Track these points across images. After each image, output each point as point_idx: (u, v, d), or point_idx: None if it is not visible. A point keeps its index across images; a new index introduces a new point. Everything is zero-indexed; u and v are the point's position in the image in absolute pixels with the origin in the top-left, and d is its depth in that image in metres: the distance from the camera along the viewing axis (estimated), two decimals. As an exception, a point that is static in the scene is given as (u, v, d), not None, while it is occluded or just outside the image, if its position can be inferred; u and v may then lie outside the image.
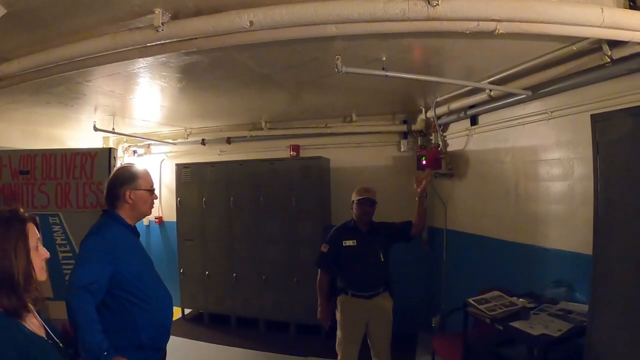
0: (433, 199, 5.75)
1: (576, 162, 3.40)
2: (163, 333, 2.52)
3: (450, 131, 5.41)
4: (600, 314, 2.46)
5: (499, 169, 4.44)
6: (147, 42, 2.68)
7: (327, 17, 2.35)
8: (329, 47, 3.14)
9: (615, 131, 2.42)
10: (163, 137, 7.35)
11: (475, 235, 4.81)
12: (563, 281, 3.45)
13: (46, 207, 4.10)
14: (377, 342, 3.86)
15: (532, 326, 2.96)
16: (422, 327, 5.60)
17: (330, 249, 3.95)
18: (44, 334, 1.64)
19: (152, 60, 3.37)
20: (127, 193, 2.45)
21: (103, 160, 4.15)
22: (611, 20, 2.30)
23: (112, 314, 2.29)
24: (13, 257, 1.52)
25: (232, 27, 2.46)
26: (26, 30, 2.80)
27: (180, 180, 6.70)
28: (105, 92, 4.39)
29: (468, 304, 3.49)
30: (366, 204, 3.87)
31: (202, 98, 4.97)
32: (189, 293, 6.67)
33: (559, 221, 3.63)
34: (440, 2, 2.19)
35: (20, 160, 4.21)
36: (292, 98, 5.08)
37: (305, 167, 5.97)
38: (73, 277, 2.24)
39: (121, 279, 2.30)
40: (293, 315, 5.98)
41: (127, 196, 2.45)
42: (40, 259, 1.65)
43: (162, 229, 7.72)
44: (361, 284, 3.84)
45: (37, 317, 1.66)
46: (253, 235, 6.18)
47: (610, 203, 2.42)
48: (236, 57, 3.40)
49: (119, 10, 2.54)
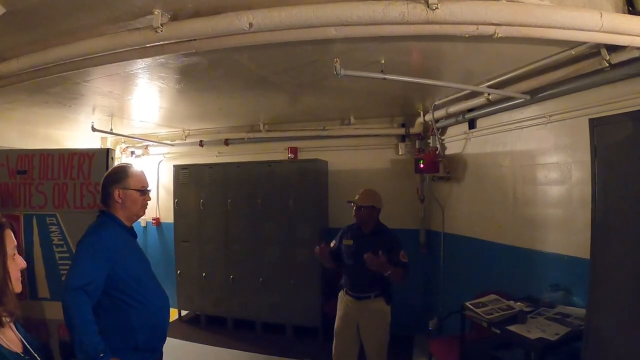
0: (431, 202, 5.77)
1: (574, 166, 3.41)
2: (159, 334, 2.51)
3: (449, 134, 5.42)
4: (597, 318, 2.46)
5: (497, 172, 4.44)
6: (146, 43, 2.69)
7: (326, 19, 2.35)
8: (328, 50, 3.14)
9: (613, 135, 2.43)
10: (161, 138, 7.36)
11: (472, 238, 4.82)
12: (560, 285, 3.46)
13: (43, 207, 4.08)
14: (367, 344, 3.86)
15: (529, 330, 2.97)
16: (419, 330, 5.61)
17: (336, 244, 4.05)
18: (21, 349, 1.55)
19: (151, 61, 3.37)
20: (117, 192, 2.44)
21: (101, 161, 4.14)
22: (610, 24, 2.31)
23: (108, 315, 2.28)
24: None
25: (231, 29, 2.46)
26: (25, 29, 2.79)
27: (178, 181, 6.69)
28: (103, 92, 4.39)
29: (465, 307, 3.50)
30: (357, 208, 3.88)
31: (201, 99, 4.97)
32: (186, 295, 6.64)
33: (557, 225, 3.63)
34: (439, 5, 2.20)
35: (17, 160, 4.19)
36: (291, 100, 5.09)
37: (303, 170, 5.96)
38: (69, 278, 2.22)
39: (117, 279, 2.29)
40: (290, 318, 5.97)
41: (116, 195, 2.44)
42: (16, 268, 1.54)
43: (159, 230, 7.71)
44: (352, 284, 3.90)
45: (14, 331, 1.56)
46: (250, 237, 6.17)
47: (608, 207, 2.43)
48: (235, 58, 3.40)
49: (118, 11, 2.54)
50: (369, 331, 3.84)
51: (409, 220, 6.00)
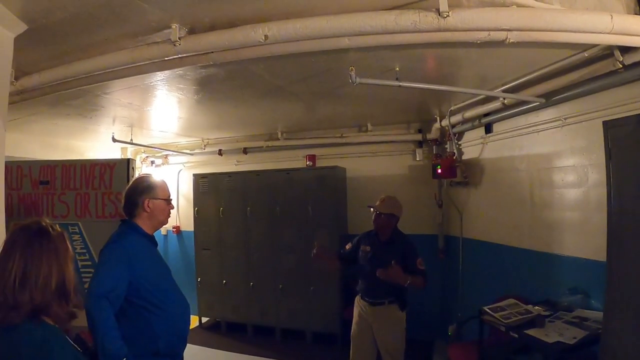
0: (449, 207, 5.76)
1: (590, 168, 3.39)
2: (180, 341, 2.56)
3: (465, 139, 5.42)
4: (614, 321, 2.45)
5: (514, 176, 4.43)
6: (164, 56, 2.76)
7: (340, 30, 2.40)
8: (343, 59, 3.19)
9: (628, 137, 2.43)
10: (180, 147, 7.47)
11: (490, 243, 4.80)
12: (578, 288, 3.43)
13: (66, 217, 4.19)
14: (382, 349, 3.88)
15: (547, 334, 2.96)
16: (439, 335, 5.58)
17: (352, 247, 4.10)
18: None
19: (170, 74, 3.45)
20: (146, 202, 2.51)
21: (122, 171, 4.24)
22: (621, 26, 2.31)
23: (130, 322, 2.34)
24: (66, 266, 1.60)
25: (247, 41, 2.53)
26: (46, 45, 2.89)
27: (198, 190, 6.78)
28: (123, 104, 4.49)
29: (483, 312, 3.49)
30: (377, 215, 3.90)
31: (219, 109, 5.05)
32: (206, 302, 6.72)
33: (574, 228, 3.61)
34: (450, 13, 2.23)
35: (40, 170, 4.31)
36: (308, 108, 5.14)
37: (321, 177, 6.01)
38: (92, 286, 2.28)
39: (139, 287, 2.35)
40: (309, 324, 6.00)
41: (145, 205, 2.51)
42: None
43: (179, 238, 7.82)
44: (367, 289, 3.94)
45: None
46: (270, 244, 6.23)
47: (623, 209, 2.42)
48: (252, 69, 3.47)
49: (137, 26, 2.62)
50: (383, 336, 3.86)
51: (427, 226, 5.99)
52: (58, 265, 1.57)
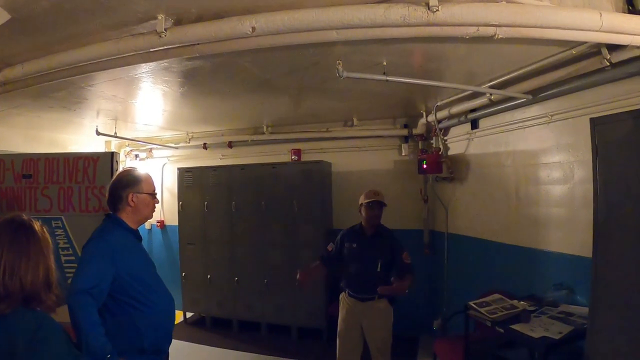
0: (434, 202, 5.78)
1: (576, 165, 3.42)
2: (165, 337, 2.52)
3: (451, 135, 5.43)
4: (600, 317, 2.47)
5: (500, 172, 4.45)
6: (150, 47, 2.71)
7: (328, 22, 2.37)
8: (330, 52, 3.15)
9: (615, 134, 2.44)
10: (165, 141, 7.40)
11: (476, 238, 4.83)
12: (564, 284, 3.46)
13: (49, 211, 4.11)
14: (372, 344, 3.89)
15: (533, 329, 2.98)
16: (424, 330, 5.63)
17: (334, 248, 4.08)
18: None
19: (155, 65, 3.39)
20: (130, 196, 2.46)
21: (105, 165, 4.17)
22: (610, 24, 2.32)
23: (114, 318, 2.30)
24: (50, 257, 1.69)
25: (234, 33, 2.48)
26: (29, 35, 2.82)
27: (182, 184, 6.72)
28: (107, 96, 4.41)
29: (469, 307, 3.50)
30: (375, 207, 3.89)
31: (204, 102, 5.00)
32: (191, 297, 6.68)
33: (560, 224, 3.64)
34: (440, 7, 2.21)
35: (23, 164, 4.23)
36: (294, 102, 5.12)
37: (306, 171, 5.99)
38: (75, 281, 2.23)
39: (123, 282, 2.31)
40: (295, 319, 5.99)
41: (129, 199, 2.46)
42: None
43: (164, 232, 7.74)
44: (356, 286, 3.92)
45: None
46: (255, 239, 6.20)
47: (609, 206, 2.44)
48: (238, 62, 3.42)
49: (122, 16, 2.56)
50: (373, 331, 3.86)
51: (413, 221, 6.01)
52: (44, 256, 1.65)
